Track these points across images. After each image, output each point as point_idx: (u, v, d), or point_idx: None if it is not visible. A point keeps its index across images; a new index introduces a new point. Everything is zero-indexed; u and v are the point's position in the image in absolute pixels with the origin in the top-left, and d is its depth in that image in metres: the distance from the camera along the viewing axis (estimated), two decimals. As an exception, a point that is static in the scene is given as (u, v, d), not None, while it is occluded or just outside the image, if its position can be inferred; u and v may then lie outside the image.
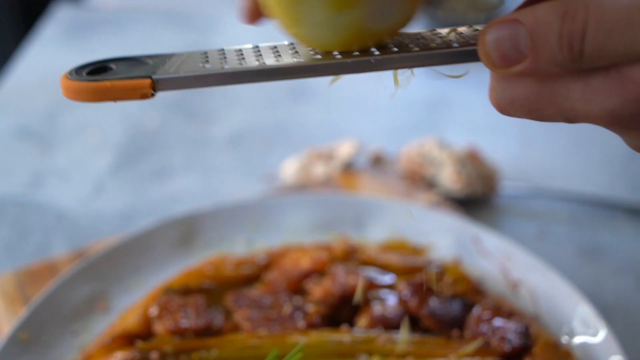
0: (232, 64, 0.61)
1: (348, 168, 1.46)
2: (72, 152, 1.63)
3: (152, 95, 0.60)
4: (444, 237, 1.17)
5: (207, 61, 0.62)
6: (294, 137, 1.69)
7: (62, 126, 1.73)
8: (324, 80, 1.92)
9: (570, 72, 0.56)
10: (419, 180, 1.40)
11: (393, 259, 1.10)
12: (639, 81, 0.55)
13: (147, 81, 0.59)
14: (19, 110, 1.81)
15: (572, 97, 0.57)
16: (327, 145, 1.51)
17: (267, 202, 1.24)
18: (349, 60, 0.61)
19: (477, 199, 1.40)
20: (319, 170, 1.46)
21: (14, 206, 1.44)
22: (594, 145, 1.64)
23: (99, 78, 0.60)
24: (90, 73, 0.61)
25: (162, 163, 1.59)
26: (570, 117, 0.58)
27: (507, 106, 0.60)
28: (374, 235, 1.20)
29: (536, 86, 0.58)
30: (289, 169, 1.49)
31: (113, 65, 0.62)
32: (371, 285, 1.02)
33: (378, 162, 1.47)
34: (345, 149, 1.47)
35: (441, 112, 1.81)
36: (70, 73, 0.61)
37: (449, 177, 1.37)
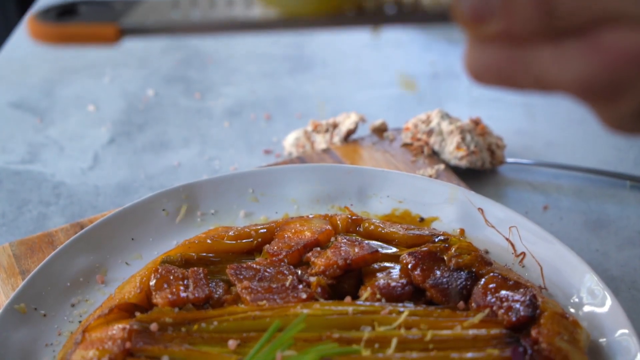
0: (200, 14, 0.59)
1: (351, 140, 1.43)
2: (69, 125, 1.61)
3: (117, 42, 0.58)
4: (449, 208, 1.15)
5: (177, 8, 0.60)
6: (294, 110, 1.67)
7: (59, 99, 1.71)
8: (326, 54, 1.88)
9: (543, 35, 0.54)
10: (423, 151, 1.38)
11: (397, 230, 1.08)
12: (613, 46, 0.52)
13: (113, 28, 0.57)
14: (15, 82, 1.78)
15: (543, 63, 0.55)
16: (330, 118, 1.48)
17: (268, 173, 1.21)
18: (322, 17, 0.59)
19: (482, 170, 1.38)
20: (321, 142, 1.43)
21: (11, 179, 1.42)
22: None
23: (66, 21, 0.58)
24: (58, 15, 0.59)
25: (160, 136, 1.57)
26: (542, 85, 0.57)
27: (481, 72, 0.58)
28: (377, 207, 1.18)
29: (509, 51, 0.56)
30: (290, 140, 1.47)
31: (81, 8, 0.60)
32: (375, 257, 1.00)
33: (381, 134, 1.44)
34: (348, 121, 1.44)
35: (444, 86, 1.78)
36: (37, 14, 0.59)
37: (454, 148, 1.35)
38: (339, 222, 1.10)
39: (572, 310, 0.98)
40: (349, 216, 1.11)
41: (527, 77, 0.56)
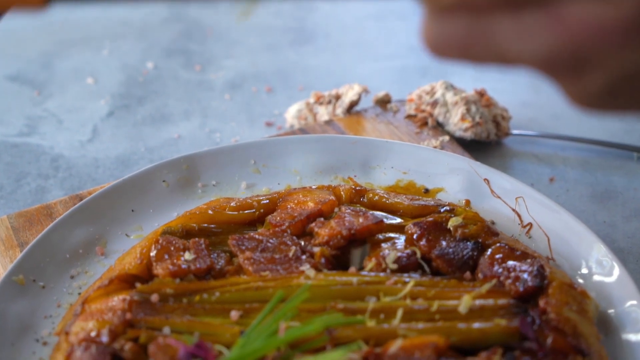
0: None
1: (354, 111, 1.41)
2: (68, 97, 1.58)
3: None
4: (454, 179, 1.13)
5: None
6: (296, 83, 1.64)
7: (57, 72, 1.68)
8: (328, 26, 1.85)
9: (502, 5, 0.51)
10: (427, 123, 1.35)
11: (402, 201, 1.06)
12: (574, 18, 0.49)
13: None
14: (13, 55, 1.75)
15: (504, 36, 0.52)
16: (333, 90, 1.46)
17: (270, 144, 1.19)
18: None
19: (487, 141, 1.36)
20: (323, 114, 1.41)
21: (9, 151, 1.40)
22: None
23: None
24: None
25: (161, 109, 1.54)
26: (504, 58, 0.54)
27: (440, 46, 0.55)
28: (381, 178, 1.16)
29: (469, 23, 0.53)
30: (292, 112, 1.44)
31: None
32: (380, 227, 0.98)
33: (385, 105, 1.42)
34: (351, 93, 1.42)
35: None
36: None
37: (458, 120, 1.32)
38: (342, 192, 1.08)
39: (580, 281, 0.96)
40: (353, 187, 1.09)
41: (487, 51, 0.54)
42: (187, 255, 0.93)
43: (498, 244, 0.95)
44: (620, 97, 0.54)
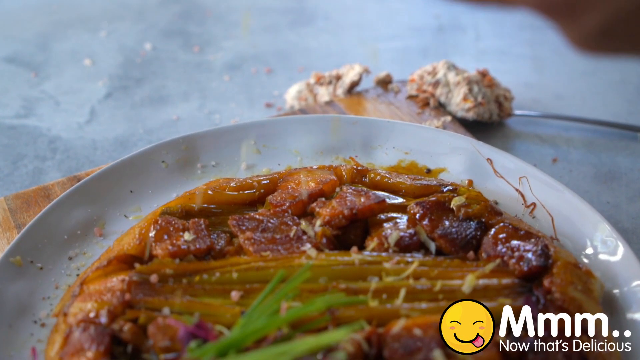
0: None
1: (354, 92, 1.39)
2: (65, 79, 1.56)
3: None
4: (457, 159, 1.11)
5: None
6: (296, 64, 1.62)
7: (54, 53, 1.66)
8: (329, 6, 1.83)
9: None
10: (429, 103, 1.34)
11: (404, 180, 1.05)
12: None
13: None
14: (9, 36, 1.73)
15: None
16: (333, 71, 1.44)
17: (270, 125, 1.17)
18: None
19: (489, 122, 1.34)
20: (324, 94, 1.39)
21: (6, 133, 1.38)
22: (608, 70, 1.57)
23: None
24: None
25: (159, 90, 1.52)
26: None
27: None
28: (383, 158, 1.15)
29: None
30: (292, 93, 1.42)
31: None
32: (382, 207, 0.97)
33: (386, 86, 1.40)
34: (351, 73, 1.40)
35: (449, 39, 1.74)
36: None
37: (460, 100, 1.31)
38: (344, 172, 1.06)
39: (585, 260, 0.95)
40: (354, 167, 1.08)
41: None
42: (187, 236, 0.92)
43: (502, 224, 0.94)
44: (615, 38, 0.54)
